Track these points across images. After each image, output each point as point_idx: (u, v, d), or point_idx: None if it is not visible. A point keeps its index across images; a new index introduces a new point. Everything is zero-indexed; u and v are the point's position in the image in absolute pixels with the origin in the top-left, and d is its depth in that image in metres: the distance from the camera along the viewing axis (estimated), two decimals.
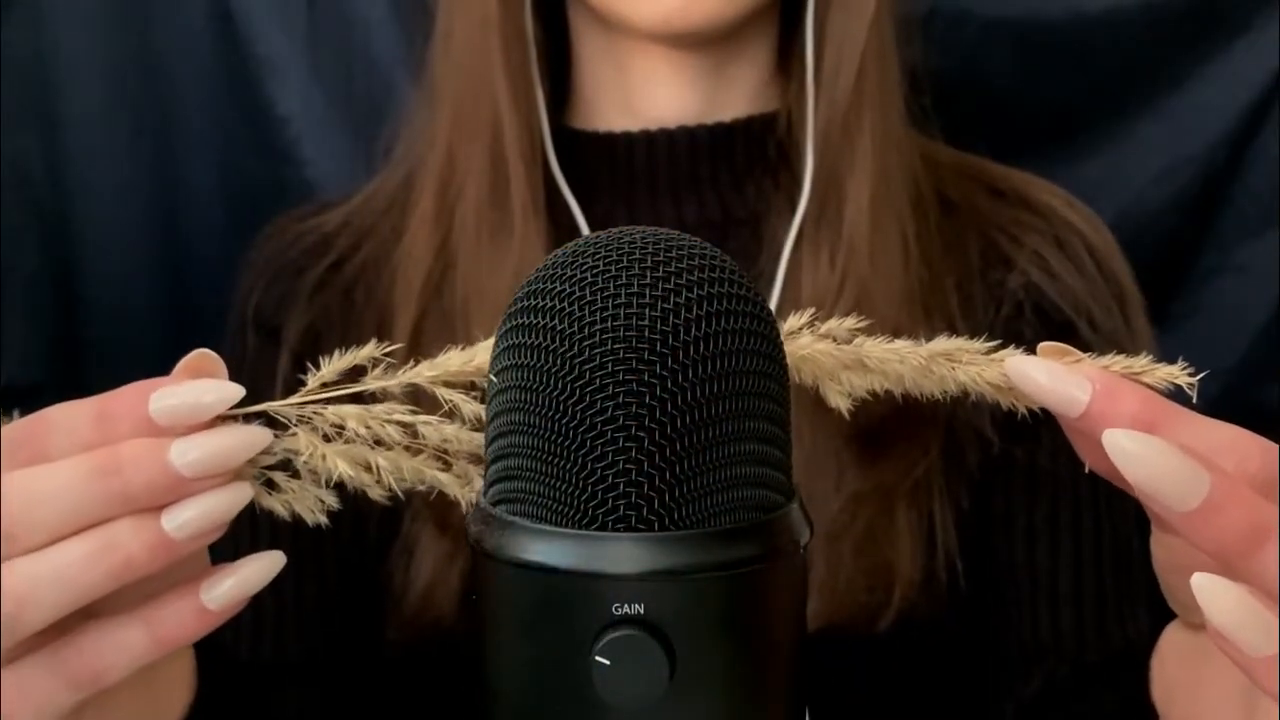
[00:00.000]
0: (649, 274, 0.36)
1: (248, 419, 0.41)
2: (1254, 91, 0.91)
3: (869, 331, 0.46)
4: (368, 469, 0.42)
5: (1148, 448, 0.37)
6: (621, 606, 0.35)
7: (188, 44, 0.93)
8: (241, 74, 0.94)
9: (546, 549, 0.35)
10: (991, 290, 0.71)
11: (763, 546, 0.36)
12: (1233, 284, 0.93)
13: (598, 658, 0.34)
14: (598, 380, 0.35)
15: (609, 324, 0.35)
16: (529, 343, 0.36)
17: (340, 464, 0.42)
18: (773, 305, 0.69)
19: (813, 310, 0.45)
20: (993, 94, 0.91)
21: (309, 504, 0.43)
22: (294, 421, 0.42)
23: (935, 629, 0.68)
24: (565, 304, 0.36)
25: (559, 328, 0.36)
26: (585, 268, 0.36)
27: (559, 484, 0.36)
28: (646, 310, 0.35)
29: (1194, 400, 0.41)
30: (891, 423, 0.66)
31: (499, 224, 0.70)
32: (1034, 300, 0.71)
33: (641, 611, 0.34)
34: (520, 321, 0.37)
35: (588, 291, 0.36)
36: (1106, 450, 0.37)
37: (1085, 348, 0.70)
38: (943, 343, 0.45)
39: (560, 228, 0.71)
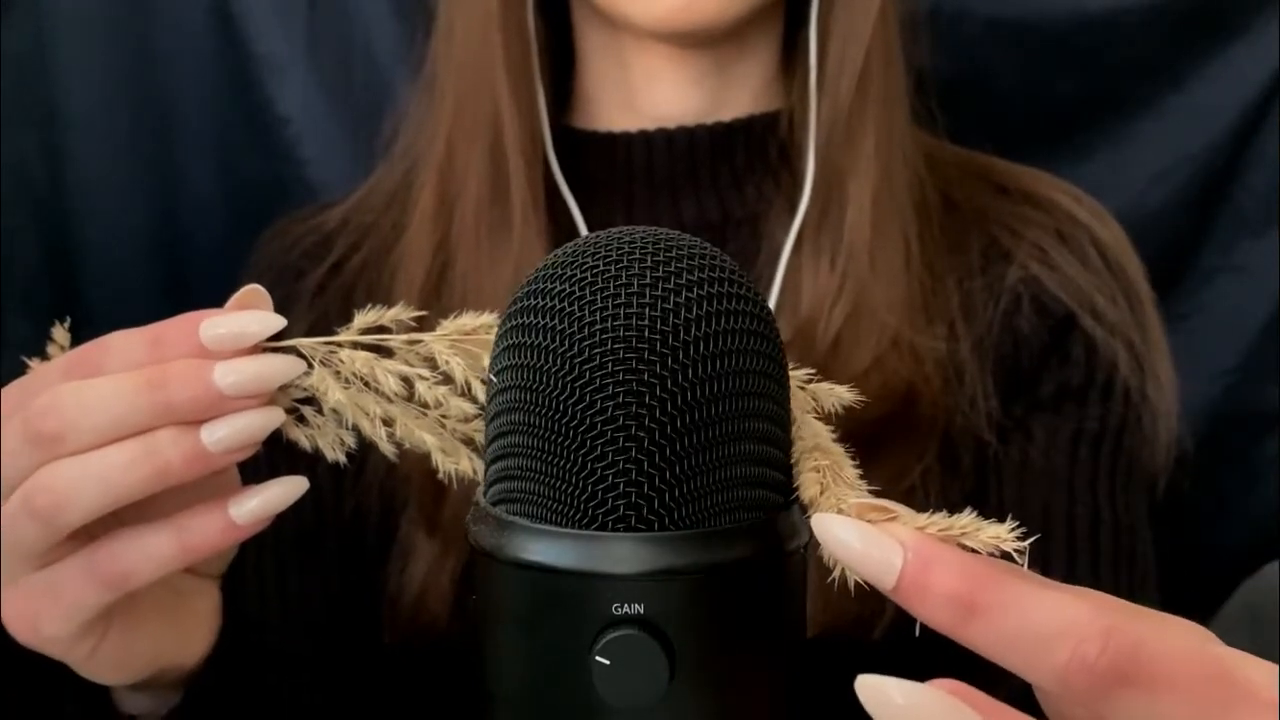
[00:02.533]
0: (649, 274, 0.36)
1: (281, 352, 0.45)
2: (1254, 91, 0.91)
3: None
4: (367, 416, 0.45)
5: (918, 699, 0.34)
6: (621, 606, 0.35)
7: (188, 44, 0.93)
8: (241, 74, 0.94)
9: (546, 549, 0.35)
10: (991, 286, 0.71)
11: (762, 546, 0.36)
12: (1233, 284, 0.93)
13: (598, 658, 0.34)
14: (597, 380, 0.35)
15: (609, 324, 0.35)
16: (529, 342, 0.36)
17: (339, 395, 0.45)
18: (771, 307, 0.69)
19: (812, 371, 0.42)
20: (993, 93, 0.91)
21: (330, 440, 0.46)
22: (317, 360, 0.45)
23: (931, 635, 0.67)
24: (565, 304, 0.36)
25: (559, 327, 0.36)
26: (585, 267, 0.36)
27: (559, 484, 0.36)
28: (646, 310, 0.35)
29: (1024, 564, 0.35)
30: (887, 429, 0.66)
31: (499, 222, 0.70)
32: (1032, 292, 0.71)
33: (641, 611, 0.34)
34: (520, 321, 0.37)
35: (587, 291, 0.36)
36: (863, 701, 0.33)
37: (1088, 338, 0.71)
38: (836, 450, 0.40)
39: (559, 227, 0.71)
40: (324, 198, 0.84)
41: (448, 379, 0.45)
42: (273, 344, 0.45)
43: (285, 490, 0.46)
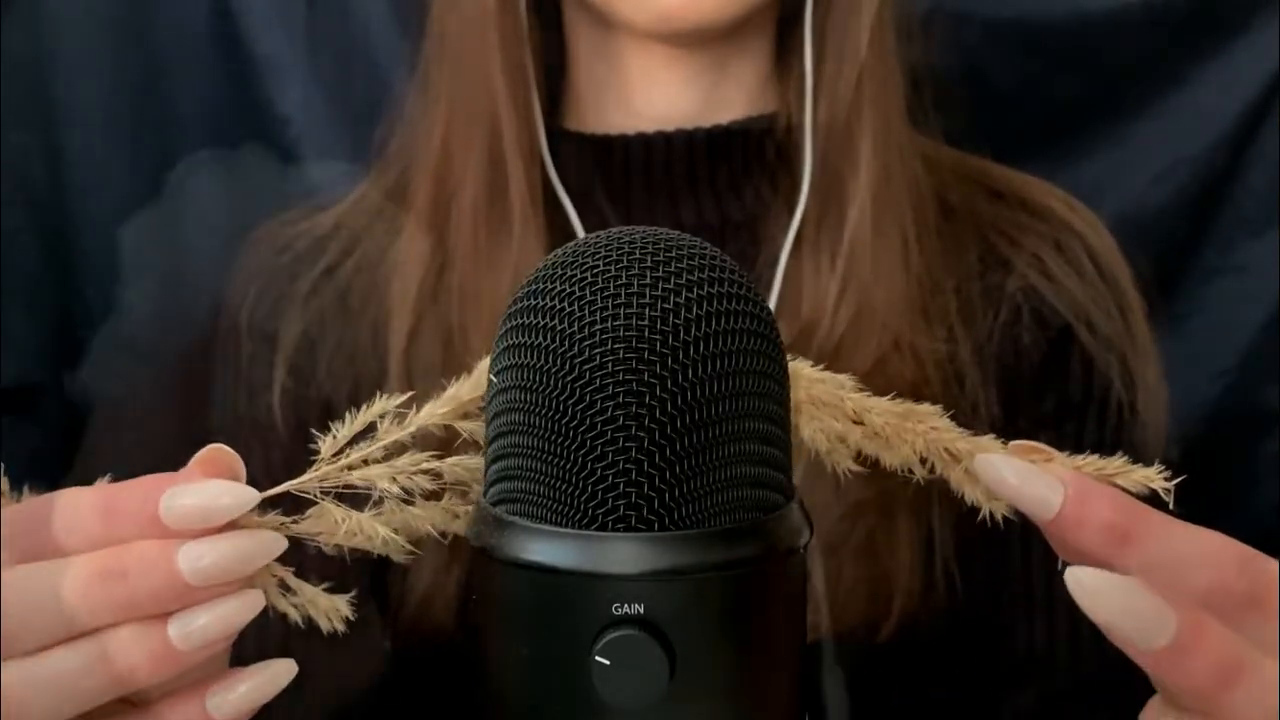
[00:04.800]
0: (649, 274, 0.36)
1: (267, 502, 0.39)
2: (1254, 91, 0.90)
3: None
4: (409, 540, 0.41)
5: (1111, 587, 0.37)
6: (621, 606, 0.35)
7: (188, 44, 0.93)
8: (241, 74, 0.94)
9: (546, 549, 0.35)
10: (989, 294, 0.71)
11: (763, 546, 0.36)
12: (1233, 284, 0.93)
13: (598, 658, 0.34)
14: (598, 380, 0.35)
15: (609, 324, 0.35)
16: (529, 343, 0.36)
17: (382, 531, 0.40)
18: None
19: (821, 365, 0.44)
20: (993, 94, 0.91)
21: (325, 609, 0.41)
22: (317, 495, 0.40)
23: (935, 639, 0.68)
24: (565, 304, 0.36)
25: (559, 328, 0.36)
26: (585, 267, 0.36)
27: (559, 484, 0.36)
28: (646, 310, 0.35)
29: (1170, 505, 0.40)
30: None
31: (497, 224, 0.70)
32: (1032, 304, 0.71)
33: (641, 611, 0.34)
34: (520, 321, 0.37)
35: (588, 291, 0.36)
36: (1069, 587, 0.37)
37: (1085, 353, 0.71)
38: (926, 408, 0.43)
39: (556, 229, 0.71)
40: (324, 198, 0.84)
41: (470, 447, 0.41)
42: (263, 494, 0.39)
43: (275, 675, 0.40)
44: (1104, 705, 0.69)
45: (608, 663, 0.34)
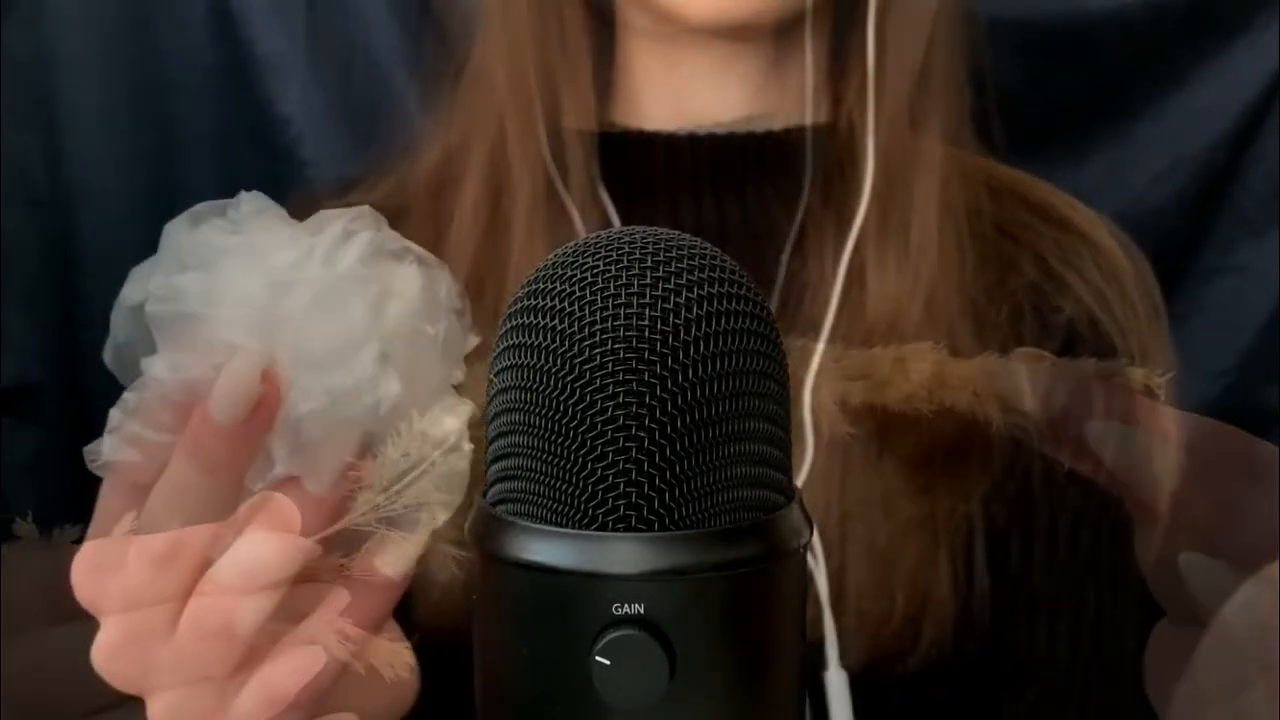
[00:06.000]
0: (649, 274, 0.36)
1: (323, 541, 0.38)
2: (1254, 91, 0.91)
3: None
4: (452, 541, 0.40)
5: (1124, 434, 0.40)
6: (621, 606, 0.34)
7: (188, 44, 0.94)
8: (241, 74, 0.94)
9: (546, 549, 0.35)
10: (991, 292, 0.71)
11: (763, 546, 0.36)
12: (1233, 284, 0.93)
13: (598, 658, 0.34)
14: (598, 380, 0.35)
15: (609, 324, 0.35)
16: (529, 342, 0.36)
17: (450, 550, 0.40)
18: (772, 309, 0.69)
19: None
20: (993, 93, 0.91)
21: (386, 657, 0.40)
22: (374, 525, 0.39)
23: (938, 639, 0.68)
24: (565, 304, 0.36)
25: (559, 327, 0.36)
26: (586, 267, 0.36)
27: (559, 484, 0.35)
28: (646, 310, 0.35)
29: (1163, 398, 0.43)
30: (893, 425, 0.66)
31: (497, 224, 0.70)
32: (1033, 303, 0.71)
33: (641, 611, 0.34)
34: (520, 321, 0.37)
35: (588, 291, 0.36)
36: (1088, 439, 0.41)
37: (1085, 351, 0.71)
38: (918, 347, 0.47)
39: (557, 229, 0.71)
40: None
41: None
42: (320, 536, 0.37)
43: None
44: (1104, 705, 0.69)
45: (608, 663, 0.34)
